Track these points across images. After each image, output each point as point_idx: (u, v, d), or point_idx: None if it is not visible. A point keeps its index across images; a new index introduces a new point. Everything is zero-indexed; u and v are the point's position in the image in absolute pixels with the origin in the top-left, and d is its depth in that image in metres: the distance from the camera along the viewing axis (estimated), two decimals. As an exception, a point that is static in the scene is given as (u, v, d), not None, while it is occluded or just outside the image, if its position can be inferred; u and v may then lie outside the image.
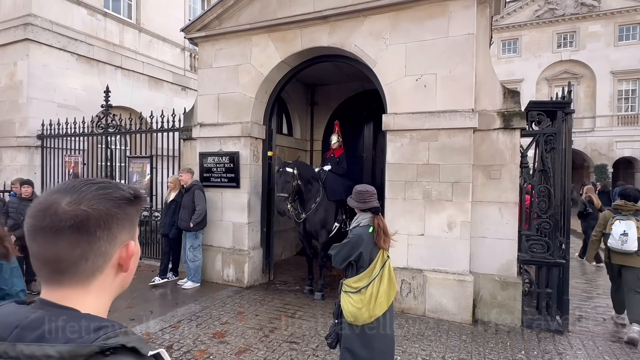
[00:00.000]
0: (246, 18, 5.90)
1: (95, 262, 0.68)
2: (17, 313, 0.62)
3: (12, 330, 0.59)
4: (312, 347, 3.90)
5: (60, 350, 0.54)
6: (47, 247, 0.65)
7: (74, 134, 7.93)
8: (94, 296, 0.69)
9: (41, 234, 0.65)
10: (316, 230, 5.58)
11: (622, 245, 4.34)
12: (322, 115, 8.68)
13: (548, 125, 4.67)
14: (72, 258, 0.65)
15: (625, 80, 23.41)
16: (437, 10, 4.78)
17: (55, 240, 0.64)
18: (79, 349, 0.55)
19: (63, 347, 0.55)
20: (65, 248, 0.65)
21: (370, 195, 2.71)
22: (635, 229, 4.32)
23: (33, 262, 0.68)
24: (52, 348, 0.54)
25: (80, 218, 0.65)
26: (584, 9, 23.93)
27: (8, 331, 0.59)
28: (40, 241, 0.65)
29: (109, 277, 0.71)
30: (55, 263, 0.66)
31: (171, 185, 6.20)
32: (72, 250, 0.65)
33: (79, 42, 9.17)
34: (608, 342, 4.18)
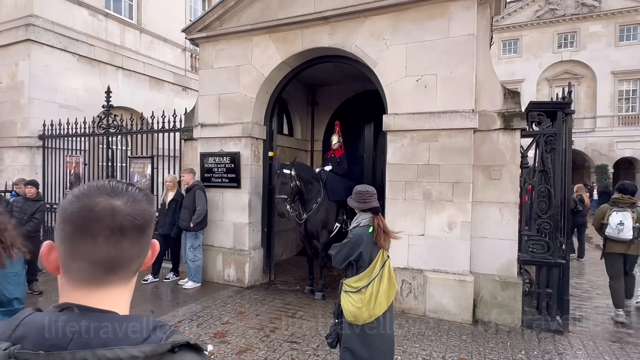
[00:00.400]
0: (247, 19, 5.92)
1: (142, 259, 0.72)
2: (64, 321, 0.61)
3: (70, 338, 0.58)
4: (312, 346, 3.91)
5: (144, 350, 0.57)
6: (109, 248, 0.66)
7: (75, 134, 7.95)
8: (128, 295, 0.72)
9: (104, 235, 0.65)
10: (317, 231, 5.59)
11: (618, 234, 4.79)
12: (322, 115, 8.70)
13: (548, 126, 4.68)
14: (131, 256, 0.69)
15: (626, 80, 23.41)
16: (437, 11, 4.79)
17: (121, 240, 0.66)
18: (158, 347, 0.58)
19: (145, 346, 0.58)
20: (128, 248, 0.67)
21: (370, 195, 2.72)
22: (631, 219, 4.75)
23: (79, 263, 0.66)
24: (135, 349, 0.57)
25: (144, 218, 0.69)
26: (585, 9, 23.94)
27: (65, 339, 0.58)
28: (102, 242, 0.65)
29: (136, 276, 0.75)
30: (111, 263, 0.67)
31: (169, 185, 6.21)
32: (132, 249, 0.68)
33: (80, 43, 9.19)
34: (608, 342, 4.18)
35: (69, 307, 0.64)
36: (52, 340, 0.58)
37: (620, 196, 5.01)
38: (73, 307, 0.64)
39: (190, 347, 0.62)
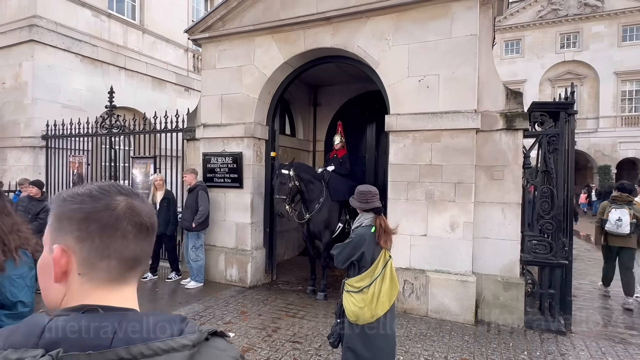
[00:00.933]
0: (249, 19, 5.94)
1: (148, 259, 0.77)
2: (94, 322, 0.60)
3: (112, 336, 0.58)
4: (314, 346, 3.92)
5: (192, 339, 0.61)
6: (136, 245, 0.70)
7: (78, 134, 7.98)
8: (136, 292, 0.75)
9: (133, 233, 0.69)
10: (319, 231, 5.60)
11: (617, 229, 5.31)
12: (324, 116, 8.70)
13: (551, 126, 4.67)
14: (148, 253, 0.73)
15: (629, 80, 23.34)
16: (440, 11, 4.79)
17: (145, 237, 0.71)
18: (201, 335, 0.62)
19: (192, 336, 0.61)
20: (147, 245, 0.72)
21: (372, 195, 2.73)
22: (628, 216, 5.26)
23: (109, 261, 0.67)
24: (184, 339, 0.60)
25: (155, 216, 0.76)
26: (588, 9, 23.87)
27: (105, 339, 0.57)
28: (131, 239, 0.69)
29: None
30: (136, 260, 0.71)
31: (159, 184, 6.25)
32: (150, 246, 0.73)
33: (83, 43, 9.23)
34: (611, 343, 4.17)
35: (92, 308, 0.64)
36: (94, 340, 0.57)
37: (619, 194, 5.55)
38: (97, 308, 0.64)
39: (217, 334, 0.67)
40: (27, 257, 1.83)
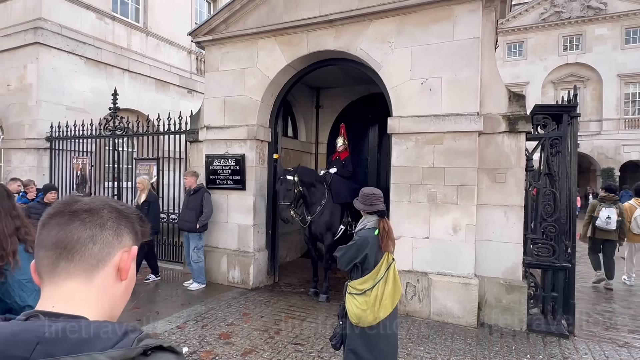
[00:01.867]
0: (253, 22, 5.97)
1: (102, 249, 0.71)
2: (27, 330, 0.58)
3: (33, 347, 0.55)
4: (317, 348, 3.92)
5: (112, 355, 0.55)
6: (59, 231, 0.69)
7: (82, 136, 8.03)
8: (96, 297, 0.69)
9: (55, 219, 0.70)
10: (321, 233, 5.61)
11: (607, 225, 6.15)
12: (327, 118, 8.72)
13: (554, 129, 4.66)
14: (82, 239, 0.69)
15: (632, 83, 23.28)
16: (442, 14, 4.81)
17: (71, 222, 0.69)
18: (128, 352, 0.56)
19: (114, 352, 0.56)
20: (78, 228, 0.69)
21: (377, 198, 2.74)
22: (615, 214, 6.12)
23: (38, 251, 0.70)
24: (102, 355, 0.55)
25: (95, 205, 0.73)
26: (590, 12, 23.85)
27: (28, 349, 0.55)
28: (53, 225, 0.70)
29: (109, 279, 0.72)
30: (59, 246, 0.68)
31: (140, 187, 6.22)
32: (84, 231, 0.69)
33: (88, 46, 9.30)
34: (615, 346, 4.15)
35: (35, 315, 0.63)
36: (13, 350, 0.55)
37: (607, 195, 6.37)
38: (38, 314, 0.63)
39: (164, 350, 0.61)
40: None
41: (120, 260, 0.73)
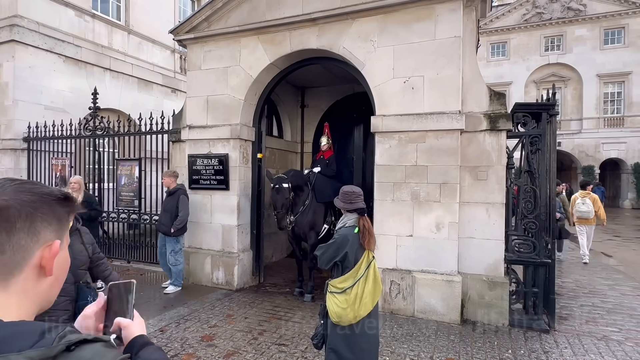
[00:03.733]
0: (235, 20, 5.90)
1: (13, 256, 0.64)
2: None
3: None
4: (301, 349, 3.89)
5: (30, 356, 0.52)
6: None
7: (61, 136, 7.83)
8: (16, 301, 0.65)
9: None
10: (305, 232, 5.58)
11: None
12: (312, 117, 8.70)
13: (533, 127, 4.74)
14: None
15: (610, 83, 23.90)
16: (424, 13, 4.83)
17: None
18: (48, 351, 0.53)
19: (32, 352, 0.52)
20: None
21: (356, 196, 2.73)
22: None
23: None
24: (19, 355, 0.51)
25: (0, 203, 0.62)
26: (571, 13, 24.40)
27: None
28: None
29: (30, 280, 0.66)
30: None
31: (75, 187, 5.51)
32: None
33: (67, 44, 9.08)
34: (594, 340, 4.24)
35: None
36: None
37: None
38: None
39: (90, 342, 0.58)
40: None
41: (42, 259, 0.67)
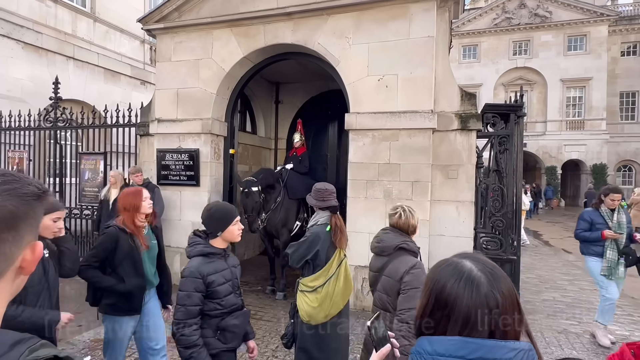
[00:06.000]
0: (207, 11, 5.73)
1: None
2: None
3: None
4: (271, 347, 3.84)
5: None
6: None
7: (19, 127, 7.37)
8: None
9: None
10: (277, 230, 5.52)
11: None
12: (287, 113, 8.60)
13: (502, 128, 4.88)
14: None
15: (573, 87, 25.08)
16: (398, 11, 4.86)
17: None
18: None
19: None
20: None
21: (329, 193, 2.70)
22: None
23: None
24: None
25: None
26: (537, 19, 25.40)
27: None
28: None
29: (8, 282, 0.63)
30: None
31: (112, 180, 5.59)
32: None
33: (26, 29, 8.55)
34: (555, 333, 4.42)
35: None
36: None
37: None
38: None
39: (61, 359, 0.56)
40: None
41: (23, 261, 0.63)
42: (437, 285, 0.88)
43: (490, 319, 0.82)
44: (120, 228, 2.50)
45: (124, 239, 2.49)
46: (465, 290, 0.83)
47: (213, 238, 2.10)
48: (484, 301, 0.82)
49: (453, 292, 0.84)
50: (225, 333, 2.04)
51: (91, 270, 2.46)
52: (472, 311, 0.82)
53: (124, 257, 2.48)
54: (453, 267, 0.89)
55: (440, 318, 0.86)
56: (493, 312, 0.82)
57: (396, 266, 2.05)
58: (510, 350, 0.78)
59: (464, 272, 0.86)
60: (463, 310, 0.83)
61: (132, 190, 2.63)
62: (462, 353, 0.79)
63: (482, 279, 0.85)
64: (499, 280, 0.86)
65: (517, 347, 0.80)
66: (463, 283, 0.84)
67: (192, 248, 2.12)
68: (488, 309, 0.82)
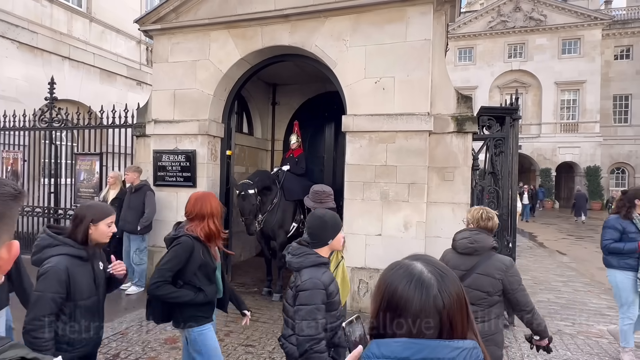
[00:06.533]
0: (205, 12, 5.73)
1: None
2: None
3: None
4: (268, 349, 3.84)
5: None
6: None
7: (14, 127, 7.33)
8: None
9: None
10: (273, 231, 5.52)
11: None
12: (283, 115, 8.62)
13: (497, 130, 4.92)
14: None
15: (567, 90, 25.33)
16: (396, 15, 4.89)
17: None
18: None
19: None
20: None
21: (326, 195, 2.71)
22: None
23: None
24: None
25: None
26: (532, 22, 25.63)
27: None
28: None
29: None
30: None
31: (111, 181, 5.78)
32: None
33: (21, 29, 8.50)
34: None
35: None
36: None
37: None
38: None
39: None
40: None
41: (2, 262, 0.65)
42: (389, 288, 0.89)
43: (439, 320, 0.84)
44: (195, 237, 2.36)
45: (199, 248, 2.36)
46: (416, 293, 0.85)
47: (321, 247, 2.02)
48: (432, 302, 0.84)
49: (404, 295, 0.86)
50: (339, 349, 1.91)
51: (166, 286, 2.30)
52: (422, 312, 0.84)
53: (198, 266, 2.35)
54: (404, 269, 0.90)
55: (392, 320, 0.87)
56: (442, 313, 0.84)
57: (493, 264, 2.33)
58: (454, 350, 0.80)
59: (414, 274, 0.88)
60: (413, 311, 0.84)
61: (202, 194, 2.52)
62: (406, 354, 0.80)
63: (432, 280, 0.86)
64: (449, 282, 0.87)
65: (460, 346, 0.81)
66: (414, 285, 0.86)
67: (302, 259, 1.97)
68: (436, 310, 0.84)
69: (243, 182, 5.25)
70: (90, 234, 2.03)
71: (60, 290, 1.88)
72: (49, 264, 1.90)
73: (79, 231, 2.01)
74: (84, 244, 2.01)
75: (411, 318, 0.84)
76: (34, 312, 1.83)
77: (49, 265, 1.90)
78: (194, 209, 2.41)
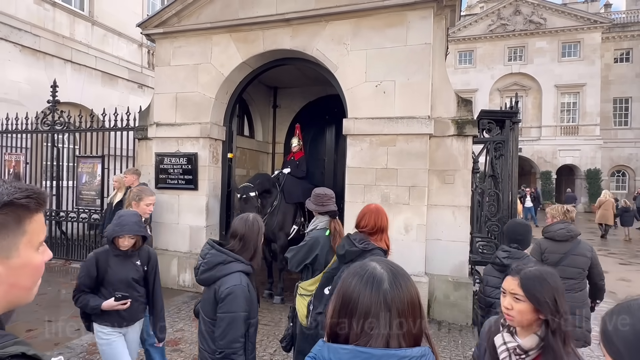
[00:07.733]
0: (207, 17, 5.78)
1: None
2: None
3: None
4: (269, 351, 3.85)
5: None
6: None
7: (16, 130, 7.37)
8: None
9: None
10: (274, 233, 5.53)
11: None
12: (284, 118, 8.66)
13: (497, 133, 4.95)
14: None
15: (567, 93, 25.35)
16: (396, 19, 4.93)
17: None
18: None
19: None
20: None
21: (328, 198, 2.74)
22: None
23: None
24: None
25: None
26: (532, 25, 25.68)
27: None
28: None
29: None
30: None
31: (116, 185, 5.73)
32: None
33: (24, 32, 8.55)
34: (549, 337, 4.46)
35: None
36: None
37: None
38: None
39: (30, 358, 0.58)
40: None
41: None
42: (343, 285, 0.90)
43: (389, 318, 0.82)
44: (385, 251, 2.30)
45: None
46: (367, 287, 0.84)
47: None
48: (382, 297, 0.83)
49: (356, 290, 0.85)
50: None
51: None
52: (371, 307, 0.83)
53: None
54: (359, 267, 0.91)
55: (345, 317, 0.86)
56: (392, 310, 0.82)
57: (584, 246, 3.15)
58: (400, 359, 0.79)
59: (367, 269, 0.88)
60: (364, 306, 0.83)
61: (375, 207, 2.44)
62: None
63: (384, 275, 0.86)
64: (400, 278, 0.87)
65: (407, 354, 0.80)
66: (365, 280, 0.86)
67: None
68: (386, 305, 0.83)
69: (244, 186, 5.27)
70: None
71: (247, 309, 1.79)
72: (234, 282, 1.79)
73: (249, 249, 1.94)
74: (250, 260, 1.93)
75: (363, 316, 0.83)
76: (231, 334, 1.73)
77: (236, 284, 1.79)
78: (376, 223, 2.36)
